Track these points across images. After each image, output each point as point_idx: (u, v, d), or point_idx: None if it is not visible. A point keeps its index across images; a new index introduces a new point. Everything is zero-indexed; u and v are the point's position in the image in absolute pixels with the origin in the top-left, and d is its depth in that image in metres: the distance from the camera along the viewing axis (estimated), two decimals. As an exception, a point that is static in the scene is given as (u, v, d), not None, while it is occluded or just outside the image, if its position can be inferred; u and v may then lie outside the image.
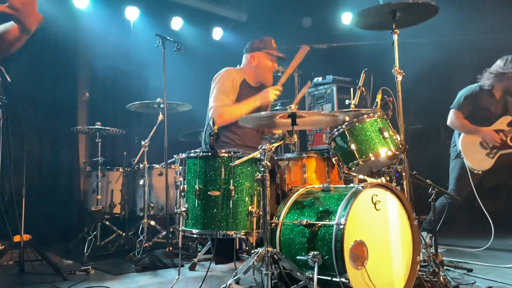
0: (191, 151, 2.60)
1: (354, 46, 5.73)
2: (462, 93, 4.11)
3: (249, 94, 3.28)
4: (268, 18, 5.95)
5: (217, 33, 5.88)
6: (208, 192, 2.45)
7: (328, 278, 2.12)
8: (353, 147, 2.58)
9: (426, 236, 3.74)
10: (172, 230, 4.09)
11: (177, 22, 5.50)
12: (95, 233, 4.00)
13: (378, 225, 2.31)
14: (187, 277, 3.05)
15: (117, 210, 4.25)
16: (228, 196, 2.42)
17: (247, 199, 2.46)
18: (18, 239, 3.04)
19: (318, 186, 2.59)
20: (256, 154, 2.36)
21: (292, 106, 2.35)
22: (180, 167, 2.68)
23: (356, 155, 2.57)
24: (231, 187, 2.42)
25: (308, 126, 3.76)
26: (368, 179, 2.57)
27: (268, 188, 2.26)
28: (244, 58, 3.42)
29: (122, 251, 3.91)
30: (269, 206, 2.25)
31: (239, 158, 2.43)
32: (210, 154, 2.46)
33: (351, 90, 4.01)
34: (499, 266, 3.10)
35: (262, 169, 2.24)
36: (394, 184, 2.52)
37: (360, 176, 2.67)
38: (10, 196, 3.19)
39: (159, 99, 4.02)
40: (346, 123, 2.63)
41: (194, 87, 5.06)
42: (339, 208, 2.19)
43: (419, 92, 4.42)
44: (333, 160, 2.71)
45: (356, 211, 2.19)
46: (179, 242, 2.78)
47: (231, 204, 2.42)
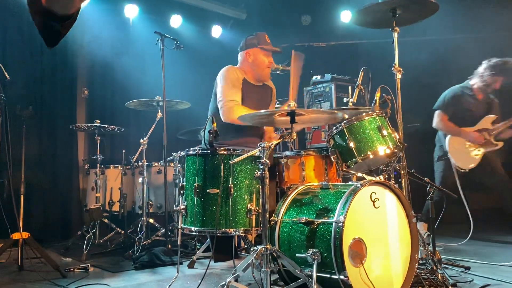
0: (190, 148, 2.60)
1: (353, 45, 5.74)
2: (445, 94, 4.22)
3: (251, 93, 3.28)
4: (267, 16, 5.95)
5: (216, 31, 5.88)
6: (207, 190, 2.45)
7: (327, 276, 2.13)
8: (351, 145, 2.58)
9: (421, 229, 3.77)
10: (171, 228, 4.10)
11: (176, 20, 5.49)
12: (94, 231, 3.99)
13: (377, 222, 2.32)
14: (186, 274, 3.06)
15: (116, 208, 4.25)
16: (227, 194, 2.42)
17: (246, 196, 2.46)
18: (17, 236, 3.04)
19: (316, 184, 2.59)
20: (255, 152, 2.36)
21: (291, 103, 2.36)
22: (179, 165, 2.68)
23: (355, 153, 2.57)
24: (230, 185, 2.42)
25: (307, 124, 3.77)
26: (367, 177, 2.58)
27: (267, 186, 2.26)
28: (239, 56, 3.38)
29: (121, 248, 3.92)
30: (268, 203, 2.26)
31: (238, 155, 2.44)
32: (209, 151, 2.46)
33: (350, 89, 4.03)
34: (497, 264, 3.12)
35: (261, 166, 2.24)
36: (392, 182, 2.52)
37: (359, 174, 2.68)
38: (9, 193, 3.19)
39: (158, 97, 4.02)
40: (345, 121, 2.63)
41: (193, 85, 5.07)
42: (338, 206, 2.19)
43: (417, 91, 4.43)
44: (331, 158, 2.71)
45: (355, 209, 2.19)
46: (178, 239, 2.77)
47: (230, 201, 2.43)
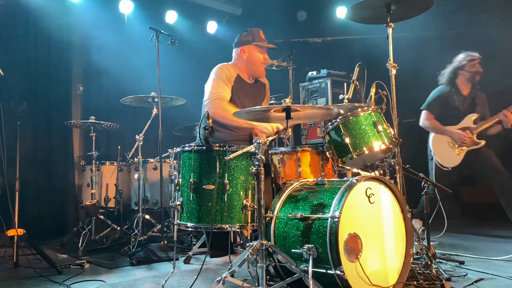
0: (185, 145, 2.60)
1: (348, 40, 5.73)
2: (432, 94, 4.30)
3: (244, 90, 3.27)
4: (263, 11, 5.93)
5: (211, 26, 5.86)
6: (203, 186, 2.45)
7: (323, 271, 2.13)
8: (347, 140, 2.59)
9: (416, 224, 3.79)
10: (166, 224, 4.10)
11: (171, 16, 5.47)
12: (89, 227, 3.99)
13: (372, 218, 2.33)
14: (182, 270, 3.06)
15: (111, 204, 4.25)
16: (222, 190, 2.42)
17: (241, 192, 2.46)
18: (12, 233, 3.03)
19: (312, 179, 2.60)
20: (251, 148, 2.36)
21: (287, 100, 2.36)
22: (175, 161, 2.68)
23: (350, 149, 2.58)
24: (226, 181, 2.42)
25: (302, 120, 3.77)
26: (362, 173, 2.59)
27: (263, 182, 2.26)
28: (234, 53, 3.36)
29: (116, 245, 3.92)
30: (263, 199, 2.26)
31: (233, 151, 2.43)
32: (204, 148, 2.46)
33: (345, 85, 4.03)
34: (490, 259, 3.14)
35: (257, 162, 2.24)
36: (387, 178, 2.53)
37: (354, 170, 2.69)
38: (4, 190, 3.18)
39: (153, 93, 4.01)
40: (341, 117, 2.63)
41: (189, 81, 5.06)
42: (334, 201, 2.20)
43: (412, 86, 4.44)
44: (327, 153, 2.72)
45: (350, 204, 2.20)
46: (174, 235, 2.78)
47: (225, 197, 2.43)
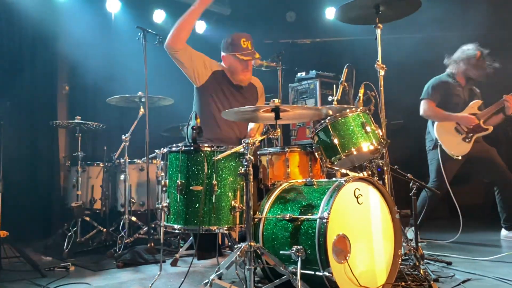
0: (173, 145, 2.57)
1: (337, 41, 5.75)
2: (429, 83, 4.19)
3: (223, 86, 3.24)
4: (252, 12, 5.92)
5: (200, 26, 5.82)
6: (190, 187, 2.41)
7: (311, 272, 2.12)
8: (335, 141, 2.58)
9: (408, 230, 3.80)
10: (153, 226, 4.05)
11: (159, 15, 5.41)
12: (75, 229, 3.93)
13: (361, 218, 2.32)
14: (168, 273, 3.03)
15: (97, 206, 4.19)
16: (211, 191, 2.39)
17: (230, 194, 2.44)
18: (-5, 235, 2.97)
19: (301, 180, 2.58)
20: (239, 148, 2.34)
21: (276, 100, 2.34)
22: (162, 162, 2.65)
23: (339, 149, 2.57)
24: (214, 182, 2.39)
25: (291, 120, 3.75)
26: (350, 173, 2.58)
27: (252, 183, 2.24)
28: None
29: (102, 247, 3.86)
30: (252, 200, 2.24)
31: (222, 152, 2.41)
32: (192, 148, 2.43)
33: (334, 86, 4.04)
34: (477, 259, 3.16)
35: (245, 163, 2.22)
36: (376, 178, 2.53)
37: (343, 170, 2.68)
38: (-14, 191, 3.12)
39: (140, 93, 3.96)
40: (329, 118, 2.63)
41: (176, 81, 4.98)
42: (322, 202, 2.19)
43: (401, 88, 4.46)
44: (316, 154, 2.71)
45: (339, 205, 2.19)
46: (161, 237, 2.74)
47: (213, 199, 2.40)
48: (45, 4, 4.65)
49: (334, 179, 2.50)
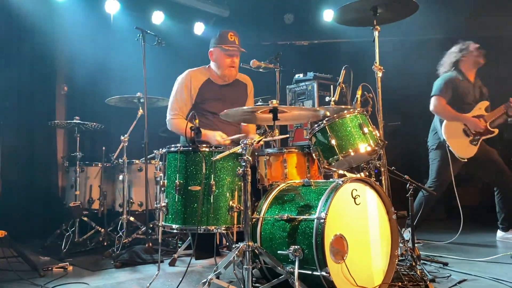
0: (171, 145, 2.58)
1: (335, 43, 5.78)
2: (440, 80, 4.10)
3: (212, 93, 3.32)
4: (250, 13, 5.93)
5: (198, 28, 5.83)
6: (188, 187, 2.43)
7: (309, 272, 2.13)
8: (333, 142, 2.60)
9: (404, 231, 3.81)
10: (151, 226, 4.06)
11: (158, 16, 5.42)
12: (73, 229, 3.93)
13: (358, 219, 2.34)
14: (167, 272, 3.03)
15: (95, 206, 4.19)
16: (209, 191, 2.41)
17: (228, 194, 2.45)
18: (-7, 235, 2.97)
19: (298, 181, 2.60)
20: (238, 149, 2.36)
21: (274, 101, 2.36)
22: (160, 163, 2.66)
23: (336, 151, 2.59)
24: (212, 182, 2.41)
25: (289, 121, 3.77)
26: (348, 174, 2.60)
27: (250, 183, 2.26)
28: (209, 55, 3.44)
29: (100, 247, 3.86)
30: (249, 201, 2.25)
31: (220, 152, 2.42)
32: (191, 148, 2.44)
33: (331, 87, 4.06)
34: (473, 260, 3.18)
35: (244, 163, 2.23)
36: (373, 179, 2.54)
37: (340, 171, 2.70)
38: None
39: (139, 94, 3.97)
40: (327, 119, 2.64)
41: (175, 82, 5.02)
42: (320, 203, 2.20)
43: (398, 89, 4.48)
44: (313, 155, 2.73)
45: (336, 206, 2.21)
46: (159, 237, 2.76)
47: (212, 199, 2.41)
48: (44, 4, 4.65)
49: (331, 179, 2.52)
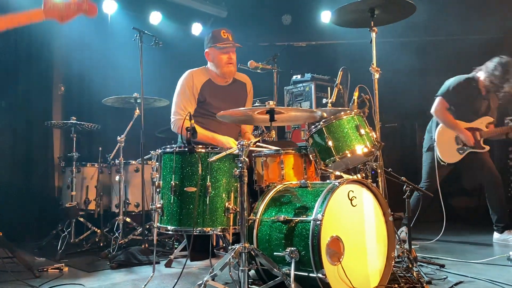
0: (167, 146, 2.58)
1: (333, 45, 5.78)
2: (450, 82, 4.07)
3: (213, 93, 3.31)
4: (248, 14, 5.94)
5: (196, 28, 5.83)
6: (184, 188, 2.42)
7: (305, 274, 2.12)
8: (330, 143, 2.59)
9: (401, 232, 3.81)
10: (148, 227, 4.05)
11: (155, 17, 5.43)
12: (69, 229, 3.92)
13: (354, 220, 2.33)
14: (162, 274, 3.02)
15: (92, 207, 4.18)
16: (204, 192, 2.40)
17: (224, 195, 2.45)
18: (-12, 235, 2.96)
19: (295, 182, 2.59)
20: (234, 150, 2.35)
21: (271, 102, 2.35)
22: (157, 163, 2.66)
23: (333, 152, 2.58)
24: (208, 183, 2.40)
25: (286, 122, 3.77)
26: (344, 176, 2.59)
27: (246, 184, 2.25)
28: (205, 57, 3.44)
29: (96, 248, 3.85)
30: (246, 202, 2.25)
31: (216, 153, 2.42)
32: (186, 149, 2.43)
33: (329, 89, 4.06)
34: (470, 262, 3.18)
35: (240, 164, 2.22)
36: (369, 181, 2.54)
37: (337, 173, 2.69)
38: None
39: (136, 94, 3.96)
40: (324, 120, 2.64)
41: (172, 83, 5.00)
42: (316, 204, 2.19)
43: (395, 91, 4.49)
44: (310, 156, 2.72)
45: (333, 207, 2.20)
46: (154, 238, 2.75)
47: (207, 200, 2.40)
48: (41, 4, 4.62)
49: (328, 181, 2.51)
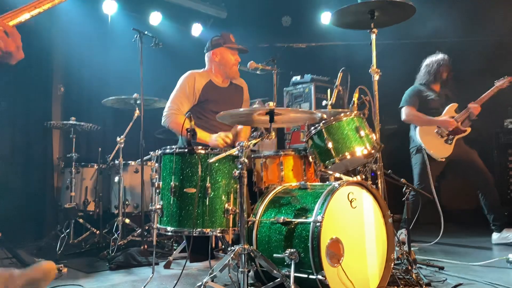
0: (167, 147, 2.57)
1: (332, 46, 5.78)
2: (407, 92, 4.32)
3: (216, 95, 3.35)
4: (248, 15, 5.94)
5: (196, 29, 5.83)
6: (184, 189, 2.42)
7: (305, 276, 2.12)
8: (330, 145, 2.59)
9: (400, 234, 3.81)
10: (147, 228, 4.04)
11: (155, 17, 5.42)
12: (68, 230, 3.91)
13: (354, 222, 2.33)
14: (161, 275, 3.02)
15: (91, 208, 4.17)
16: (204, 193, 2.40)
17: (223, 196, 2.44)
18: (-13, 236, 2.95)
19: (295, 184, 2.59)
20: (234, 151, 2.35)
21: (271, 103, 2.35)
22: (156, 164, 2.66)
23: (333, 153, 2.58)
24: (208, 184, 2.40)
25: (286, 123, 3.77)
26: (344, 177, 2.59)
27: (246, 186, 2.25)
28: (206, 57, 3.49)
29: (95, 249, 3.84)
30: (246, 203, 2.24)
31: (216, 154, 2.41)
32: (186, 150, 2.43)
33: (328, 90, 4.06)
34: (469, 264, 3.17)
35: (240, 166, 2.22)
36: (369, 183, 2.54)
37: (336, 174, 2.69)
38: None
39: (135, 95, 3.96)
40: (323, 122, 2.64)
41: (172, 83, 5.00)
42: (316, 206, 2.19)
43: (395, 93, 4.49)
44: (310, 158, 2.72)
45: (333, 209, 2.20)
46: (154, 239, 2.74)
47: (207, 201, 2.40)
48: (41, 4, 4.63)
49: (328, 182, 2.51)
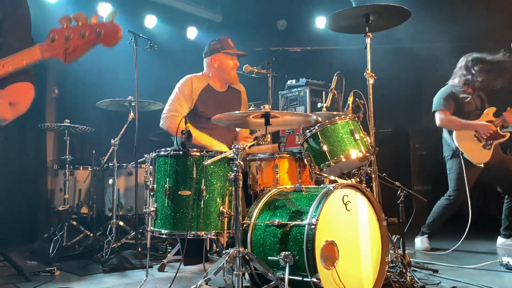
0: (161, 149, 2.57)
1: (327, 50, 5.81)
2: (439, 95, 4.10)
3: (214, 99, 3.34)
4: (243, 19, 5.96)
5: (191, 32, 5.84)
6: (178, 192, 2.41)
7: (299, 279, 2.12)
8: (325, 148, 2.60)
9: (424, 243, 3.88)
10: (141, 230, 4.02)
11: (151, 20, 5.42)
12: (61, 233, 3.88)
13: (349, 225, 2.33)
14: (155, 278, 3.00)
15: (84, 210, 4.15)
16: (199, 196, 2.39)
17: (218, 199, 2.44)
18: (-22, 238, 2.93)
19: (290, 186, 2.59)
20: (229, 154, 2.35)
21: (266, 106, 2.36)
22: (151, 167, 2.65)
23: (328, 156, 2.59)
24: (203, 187, 2.39)
25: (281, 126, 3.78)
26: (339, 180, 2.60)
27: (241, 188, 2.24)
28: (204, 63, 3.48)
29: (89, 251, 3.81)
30: (241, 206, 2.24)
31: (211, 157, 2.41)
32: (181, 152, 2.43)
33: (323, 94, 4.07)
34: (463, 267, 3.19)
35: (235, 168, 2.22)
36: (364, 186, 2.54)
37: (331, 177, 2.70)
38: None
39: (130, 97, 3.95)
40: (319, 125, 2.65)
41: (167, 86, 4.98)
42: (311, 208, 2.19)
43: (389, 97, 4.51)
44: (305, 161, 2.72)
45: (327, 211, 2.20)
46: (148, 242, 2.73)
47: (202, 204, 2.40)
48: (35, 6, 4.58)
49: (322, 185, 2.52)
